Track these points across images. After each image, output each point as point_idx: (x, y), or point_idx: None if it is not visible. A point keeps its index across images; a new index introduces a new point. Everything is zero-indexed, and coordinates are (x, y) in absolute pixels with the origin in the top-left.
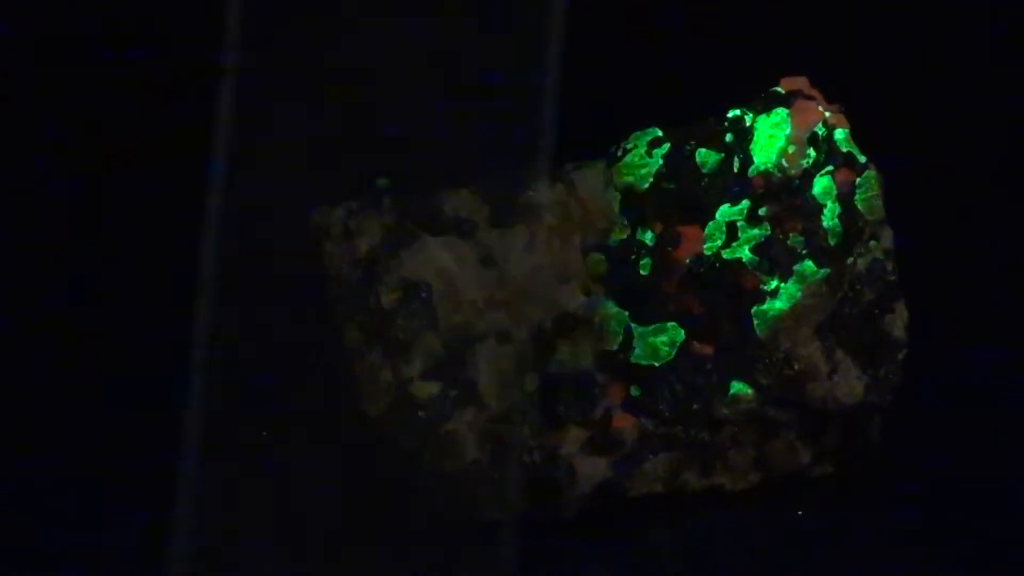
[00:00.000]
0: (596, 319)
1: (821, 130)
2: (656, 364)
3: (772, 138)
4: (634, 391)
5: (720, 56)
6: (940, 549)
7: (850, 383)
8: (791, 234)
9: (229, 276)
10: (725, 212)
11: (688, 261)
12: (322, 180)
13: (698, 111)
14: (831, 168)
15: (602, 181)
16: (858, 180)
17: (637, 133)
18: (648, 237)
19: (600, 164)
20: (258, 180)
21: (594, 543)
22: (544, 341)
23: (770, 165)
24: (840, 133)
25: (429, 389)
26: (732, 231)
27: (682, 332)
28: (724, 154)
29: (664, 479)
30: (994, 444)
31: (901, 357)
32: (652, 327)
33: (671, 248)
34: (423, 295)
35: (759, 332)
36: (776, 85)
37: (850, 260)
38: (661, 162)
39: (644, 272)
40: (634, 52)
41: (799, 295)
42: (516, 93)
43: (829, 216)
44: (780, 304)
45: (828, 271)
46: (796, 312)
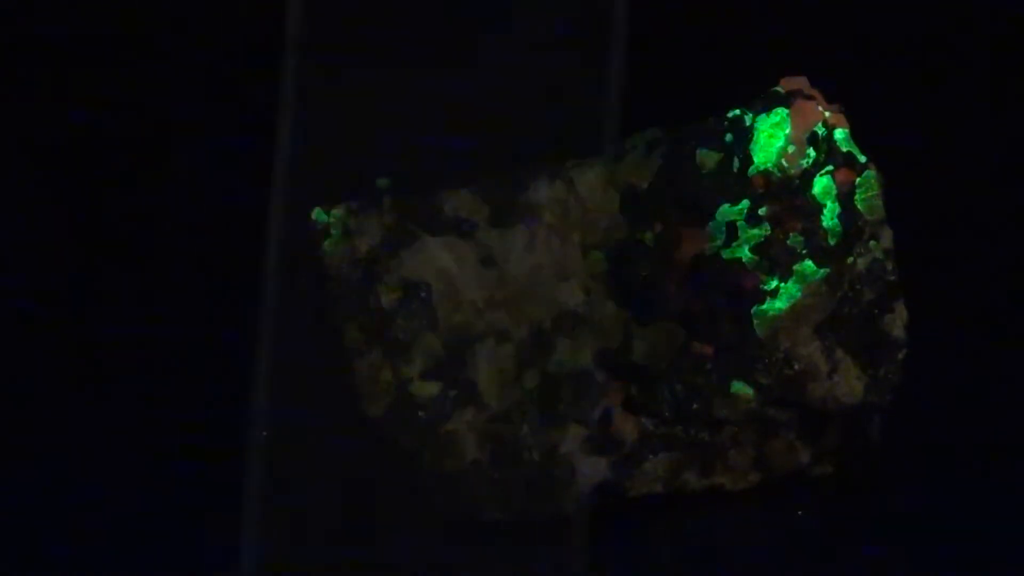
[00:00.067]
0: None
1: (821, 130)
2: (656, 364)
3: (772, 138)
4: (634, 391)
5: (720, 56)
6: (940, 549)
7: (850, 383)
8: (791, 234)
9: (231, 276)
10: (725, 212)
11: (688, 261)
12: (322, 180)
13: (698, 111)
14: (831, 168)
15: (602, 180)
16: (858, 180)
17: (637, 133)
18: (648, 237)
19: (600, 163)
20: (259, 181)
21: (594, 543)
22: (544, 340)
23: (770, 165)
24: (840, 133)
25: (429, 389)
26: (732, 231)
27: (682, 332)
28: (724, 154)
29: (664, 479)
30: (994, 444)
31: (901, 357)
32: (652, 327)
33: (671, 248)
34: (423, 295)
35: (759, 332)
36: (776, 85)
37: (850, 260)
38: (661, 162)
39: (644, 272)
40: (634, 52)
41: (799, 295)
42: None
43: (829, 216)
44: (780, 304)
45: (828, 271)
46: (796, 312)
